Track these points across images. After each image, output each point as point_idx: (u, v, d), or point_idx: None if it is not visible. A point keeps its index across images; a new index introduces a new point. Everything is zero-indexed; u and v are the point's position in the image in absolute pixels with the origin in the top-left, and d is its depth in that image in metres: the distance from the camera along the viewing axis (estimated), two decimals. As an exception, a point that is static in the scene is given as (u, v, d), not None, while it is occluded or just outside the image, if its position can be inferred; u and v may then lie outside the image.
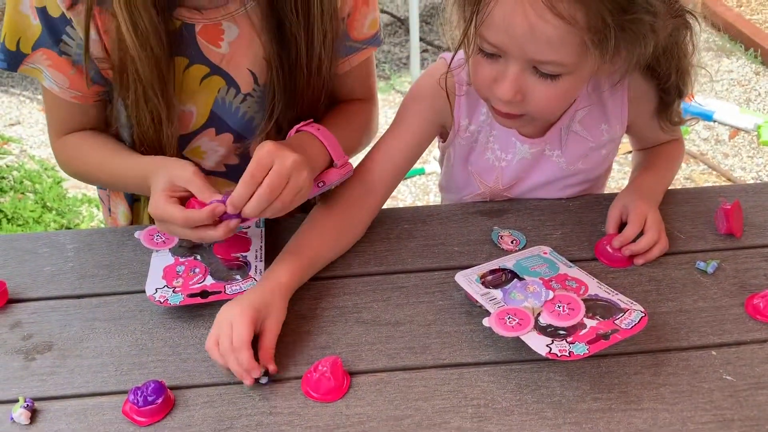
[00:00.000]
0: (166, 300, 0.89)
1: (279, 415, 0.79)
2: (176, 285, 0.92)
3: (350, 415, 0.79)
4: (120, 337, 0.88)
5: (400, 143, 1.04)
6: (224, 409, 0.79)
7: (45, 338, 0.88)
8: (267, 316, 0.84)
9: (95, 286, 0.96)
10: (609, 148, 1.07)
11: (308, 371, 0.82)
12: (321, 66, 0.97)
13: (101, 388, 0.82)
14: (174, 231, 0.87)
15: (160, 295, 0.90)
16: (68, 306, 0.93)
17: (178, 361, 0.85)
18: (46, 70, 0.94)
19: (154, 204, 0.85)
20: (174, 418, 0.79)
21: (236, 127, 1.04)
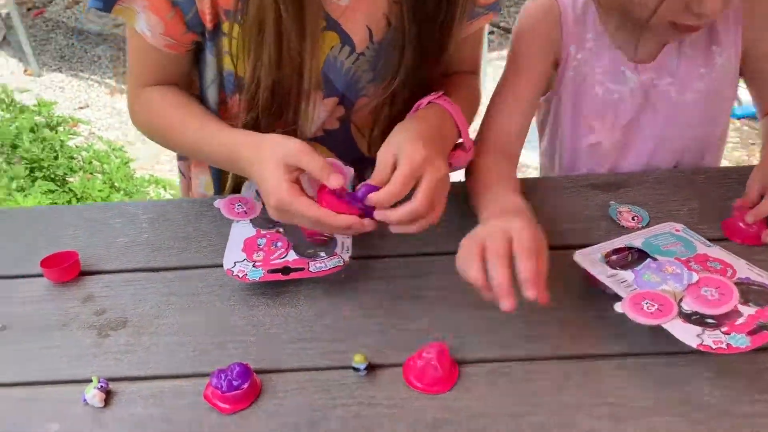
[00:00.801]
0: (245, 275, 0.80)
1: (378, 406, 0.69)
2: (257, 259, 0.83)
3: (460, 408, 0.68)
4: (198, 314, 0.80)
5: (521, 95, 0.97)
6: (317, 397, 0.70)
7: (119, 314, 0.81)
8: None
9: (171, 259, 0.88)
10: (722, 83, 0.98)
11: (410, 358, 0.72)
12: (453, 26, 0.86)
13: (179, 369, 0.74)
14: (296, 222, 0.77)
15: (238, 269, 0.81)
16: (143, 279, 0.85)
17: (263, 342, 0.76)
18: (141, 12, 0.83)
19: (278, 197, 0.74)
20: (261, 406, 0.70)
21: (343, 89, 0.92)
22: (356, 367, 0.71)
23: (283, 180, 0.75)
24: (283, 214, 0.76)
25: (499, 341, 0.75)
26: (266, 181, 0.75)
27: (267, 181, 0.75)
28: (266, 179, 0.76)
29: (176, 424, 0.68)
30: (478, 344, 0.74)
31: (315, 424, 0.67)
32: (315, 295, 0.82)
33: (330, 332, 0.77)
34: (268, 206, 0.76)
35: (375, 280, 0.83)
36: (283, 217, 0.76)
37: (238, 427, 0.67)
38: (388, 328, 0.77)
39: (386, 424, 0.67)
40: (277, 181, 0.75)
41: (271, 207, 0.76)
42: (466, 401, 0.69)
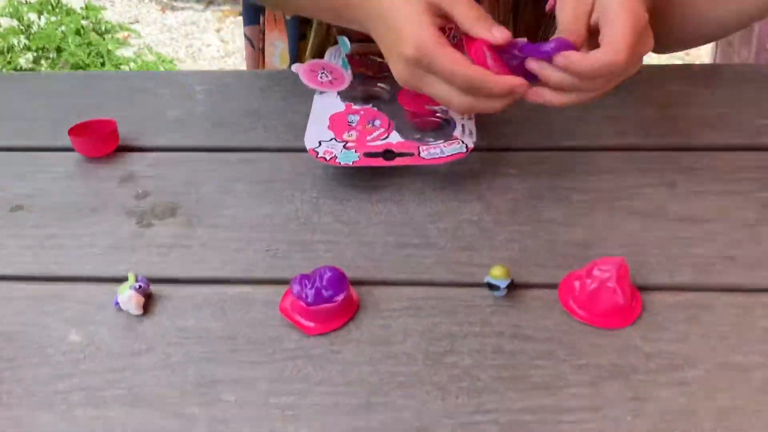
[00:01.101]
0: (333, 157, 0.60)
1: (529, 341, 0.49)
2: (348, 139, 0.63)
3: (651, 353, 0.47)
4: (271, 205, 0.60)
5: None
6: (438, 321, 0.50)
7: (167, 198, 0.62)
8: None
9: (235, 137, 0.68)
10: None
11: (570, 277, 0.52)
12: None
13: (247, 272, 0.54)
14: (431, 88, 0.55)
15: (324, 150, 0.61)
16: (199, 160, 0.65)
17: (359, 246, 0.56)
18: None
19: (419, 43, 0.52)
20: (359, 326, 0.50)
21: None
22: (493, 283, 0.51)
23: (429, 25, 0.53)
24: (415, 72, 0.54)
25: (690, 261, 0.53)
26: (401, 27, 0.53)
27: (402, 27, 0.53)
28: (401, 25, 0.53)
29: (241, 343, 0.48)
30: (659, 264, 0.53)
31: (437, 358, 0.47)
32: (426, 191, 0.61)
33: (450, 238, 0.56)
34: (397, 60, 0.54)
35: (506, 176, 0.62)
36: (414, 76, 0.54)
37: (328, 353, 0.48)
38: (528, 237, 0.56)
39: (543, 367, 0.47)
40: (420, 25, 0.53)
41: (402, 61, 0.54)
42: (660, 343, 0.47)
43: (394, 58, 0.55)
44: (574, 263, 0.53)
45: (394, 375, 0.46)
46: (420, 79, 0.54)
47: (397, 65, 0.55)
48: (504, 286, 0.50)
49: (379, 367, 0.47)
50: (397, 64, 0.55)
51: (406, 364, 0.47)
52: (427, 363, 0.47)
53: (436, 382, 0.46)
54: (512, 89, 0.53)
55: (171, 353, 0.48)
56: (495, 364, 0.47)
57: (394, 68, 0.55)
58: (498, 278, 0.50)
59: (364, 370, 0.47)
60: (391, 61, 0.56)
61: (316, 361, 0.47)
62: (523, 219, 0.57)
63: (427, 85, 0.54)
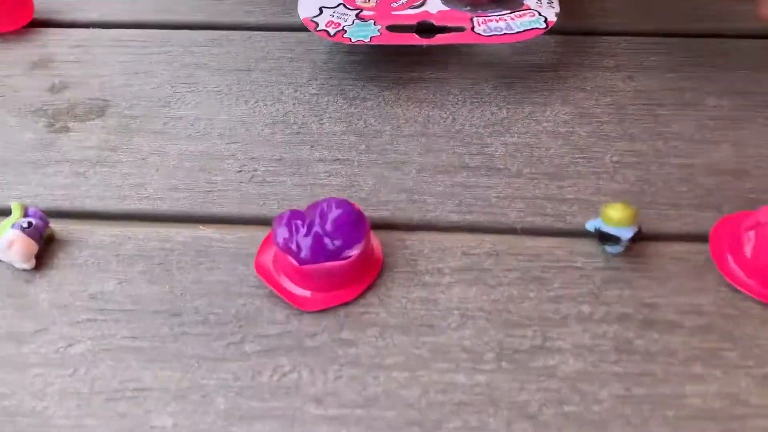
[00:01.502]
0: (341, 31, 0.39)
1: (672, 330, 0.29)
2: (365, 6, 0.42)
3: None
4: (247, 105, 0.39)
5: None
6: (514, 293, 0.30)
7: (94, 93, 0.40)
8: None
9: (198, 10, 0.47)
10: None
11: (724, 224, 0.32)
12: None
13: (205, 206, 0.34)
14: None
15: (327, 22, 0.40)
16: (145, 41, 0.43)
17: (381, 168, 0.36)
18: None
19: None
20: (384, 300, 0.30)
21: None
22: (608, 233, 0.31)
23: None
24: None
25: None
26: None
27: None
28: None
29: (189, 324, 0.29)
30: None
31: (519, 359, 0.28)
32: (484, 87, 0.41)
33: (525, 160, 0.37)
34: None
35: (604, 70, 0.42)
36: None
37: (334, 345, 0.28)
38: (650, 160, 0.36)
39: (703, 379, 0.28)
40: None
41: None
42: None
43: None
44: (726, 202, 0.34)
45: (444, 390, 0.28)
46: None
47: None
48: (626, 238, 0.31)
49: (419, 373, 0.28)
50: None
51: (466, 369, 0.28)
52: (502, 368, 0.28)
53: (520, 405, 0.27)
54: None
55: (75, 338, 0.29)
56: (619, 373, 0.28)
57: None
58: (616, 224, 0.31)
59: (394, 380, 0.28)
60: None
61: (313, 360, 0.28)
62: (638, 132, 0.37)
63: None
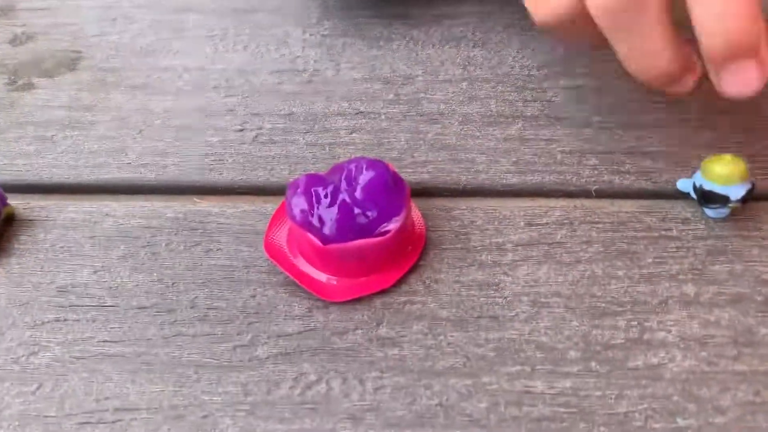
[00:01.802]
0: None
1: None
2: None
3: None
4: (247, 51, 0.32)
5: None
6: (597, 271, 0.24)
7: (63, 44, 0.34)
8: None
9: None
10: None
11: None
12: None
13: (201, 174, 0.28)
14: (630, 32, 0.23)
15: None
16: (123, -17, 0.39)
17: (416, 123, 0.30)
18: None
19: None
20: (431, 286, 0.25)
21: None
22: (714, 191, 0.25)
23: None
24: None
25: None
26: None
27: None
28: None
29: (183, 321, 0.23)
30: None
31: (613, 360, 0.21)
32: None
33: (592, 110, 0.31)
34: None
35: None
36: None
37: (371, 346, 0.22)
38: (737, 106, 0.30)
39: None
40: None
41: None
42: None
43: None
44: None
45: (519, 401, 0.21)
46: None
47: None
48: (737, 198, 0.24)
49: (485, 380, 0.22)
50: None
51: (544, 373, 0.22)
52: (592, 370, 0.22)
53: (620, 419, 0.21)
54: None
55: (40, 344, 0.23)
56: (743, 372, 0.21)
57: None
58: (724, 181, 0.24)
59: (453, 390, 0.22)
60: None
61: (346, 365, 0.22)
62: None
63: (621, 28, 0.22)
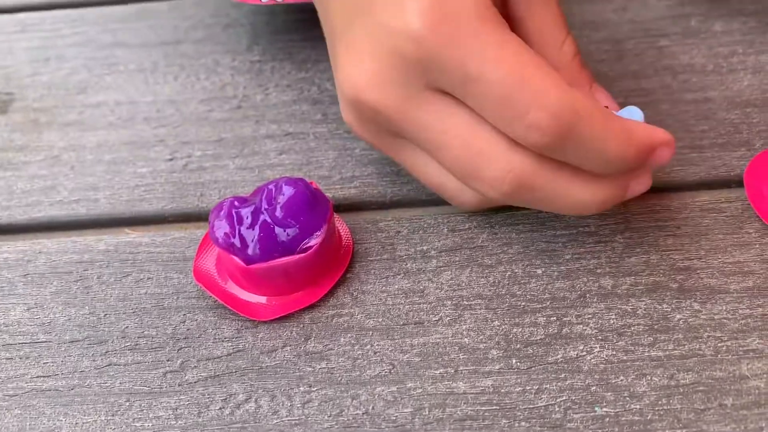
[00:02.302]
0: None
1: (713, 298, 0.25)
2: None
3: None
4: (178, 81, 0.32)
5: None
6: (516, 272, 0.26)
7: None
8: None
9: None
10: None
11: (760, 161, 0.28)
12: None
13: (132, 205, 0.28)
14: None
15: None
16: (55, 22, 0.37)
17: (344, 140, 0.31)
18: None
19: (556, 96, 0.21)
20: (359, 297, 0.25)
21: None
22: None
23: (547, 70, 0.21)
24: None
25: None
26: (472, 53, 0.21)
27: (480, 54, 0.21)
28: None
29: (115, 350, 0.23)
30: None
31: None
32: None
33: None
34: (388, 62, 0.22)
35: (588, 3, 0.36)
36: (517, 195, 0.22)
37: (301, 363, 0.22)
38: (649, 104, 0.31)
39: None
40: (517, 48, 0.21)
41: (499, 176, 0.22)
42: None
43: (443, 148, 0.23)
44: (757, 137, 0.28)
45: (443, 403, 0.21)
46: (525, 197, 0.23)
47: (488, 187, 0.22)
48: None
49: (410, 386, 0.22)
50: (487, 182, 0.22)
51: (467, 373, 0.22)
52: (513, 367, 0.22)
53: (541, 413, 0.21)
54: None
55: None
56: (658, 358, 0.22)
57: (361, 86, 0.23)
58: None
59: (379, 398, 0.22)
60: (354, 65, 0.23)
61: (274, 382, 0.22)
62: (641, 68, 0.32)
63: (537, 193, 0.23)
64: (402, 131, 0.23)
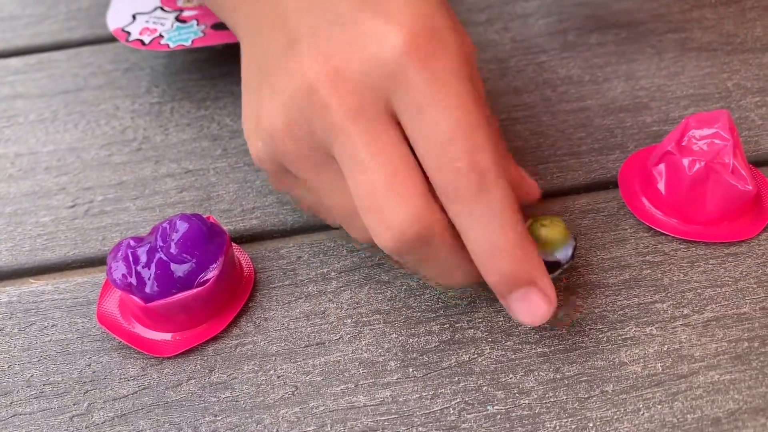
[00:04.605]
0: (156, 38, 0.33)
1: (595, 289, 0.27)
2: (187, 3, 0.37)
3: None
4: (78, 129, 0.33)
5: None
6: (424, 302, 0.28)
7: None
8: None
9: (10, 34, 0.42)
10: None
11: (634, 161, 0.29)
12: None
13: (32, 255, 0.27)
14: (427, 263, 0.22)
15: (141, 29, 0.35)
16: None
17: (246, 172, 0.32)
18: None
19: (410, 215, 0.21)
20: (262, 325, 0.26)
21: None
22: (545, 261, 0.22)
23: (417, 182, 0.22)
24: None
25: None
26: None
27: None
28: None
29: (19, 399, 0.23)
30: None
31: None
32: None
33: None
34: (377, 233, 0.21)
35: (473, 25, 0.38)
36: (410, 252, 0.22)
37: (205, 394, 0.23)
38: (531, 117, 0.33)
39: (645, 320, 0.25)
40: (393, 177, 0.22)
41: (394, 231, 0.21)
42: None
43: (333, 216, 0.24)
44: (630, 140, 0.30)
45: (344, 418, 0.22)
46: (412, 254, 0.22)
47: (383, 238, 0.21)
48: (566, 260, 0.24)
49: (312, 405, 0.23)
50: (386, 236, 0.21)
51: (366, 387, 0.23)
52: (409, 375, 0.23)
53: (436, 416, 0.22)
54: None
55: None
56: (544, 354, 0.24)
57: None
58: (551, 248, 0.23)
59: (284, 420, 0.22)
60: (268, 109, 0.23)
61: (180, 415, 0.23)
62: (523, 83, 0.34)
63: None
64: (334, 143, 0.21)
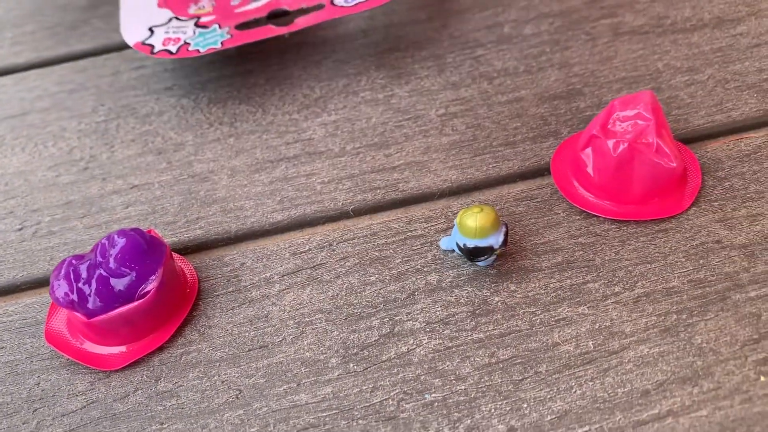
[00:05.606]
0: (183, 45, 0.33)
1: (535, 273, 0.27)
2: (201, 12, 0.38)
3: (748, 245, 0.27)
4: (25, 152, 0.34)
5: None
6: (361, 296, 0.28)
7: None
8: None
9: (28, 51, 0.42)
10: None
11: (565, 147, 0.30)
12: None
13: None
14: None
15: (164, 40, 0.34)
16: None
17: (191, 182, 0.33)
18: None
19: None
20: (206, 331, 0.27)
21: None
22: (476, 246, 0.25)
23: None
24: None
25: (757, 85, 0.33)
26: None
27: None
28: None
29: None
30: (713, 97, 0.32)
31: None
32: (291, 71, 0.37)
33: (346, 139, 0.33)
34: None
35: (413, 24, 0.39)
36: None
37: (151, 403, 0.24)
38: (468, 111, 0.34)
39: (583, 291, 0.25)
40: None
41: None
42: (755, 224, 0.27)
43: None
44: (563, 127, 0.31)
45: (287, 417, 0.23)
46: None
47: None
48: (499, 244, 0.25)
49: (256, 407, 0.23)
50: None
51: (308, 385, 0.24)
52: (350, 371, 0.24)
53: (376, 408, 0.23)
54: None
55: None
56: (480, 339, 0.24)
57: None
58: (482, 234, 0.25)
59: (228, 423, 0.23)
60: None
61: (128, 426, 0.23)
62: (460, 78, 0.34)
63: None
64: None
